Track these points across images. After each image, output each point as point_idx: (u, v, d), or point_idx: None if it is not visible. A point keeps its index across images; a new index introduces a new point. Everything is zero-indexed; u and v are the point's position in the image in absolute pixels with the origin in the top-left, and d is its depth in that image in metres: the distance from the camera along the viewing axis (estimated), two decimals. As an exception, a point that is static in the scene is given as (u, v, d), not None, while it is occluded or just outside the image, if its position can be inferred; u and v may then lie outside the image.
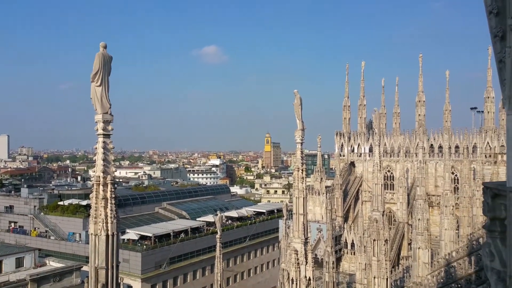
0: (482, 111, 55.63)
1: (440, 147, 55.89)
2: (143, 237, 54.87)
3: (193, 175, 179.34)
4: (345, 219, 57.28)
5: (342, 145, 63.01)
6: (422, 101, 59.57)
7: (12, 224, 67.63)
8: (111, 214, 11.57)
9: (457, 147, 54.94)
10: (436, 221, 50.50)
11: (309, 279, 19.00)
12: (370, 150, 59.08)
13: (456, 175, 53.37)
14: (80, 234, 58.95)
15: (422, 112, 59.50)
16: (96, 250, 11.33)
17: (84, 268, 44.94)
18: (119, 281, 11.58)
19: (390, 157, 58.67)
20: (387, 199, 52.69)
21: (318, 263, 41.92)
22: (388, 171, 57.80)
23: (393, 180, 57.48)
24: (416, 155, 52.03)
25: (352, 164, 62.65)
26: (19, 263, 47.36)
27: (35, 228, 64.24)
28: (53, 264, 49.48)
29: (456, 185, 52.25)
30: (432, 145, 56.88)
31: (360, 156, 61.52)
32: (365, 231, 35.77)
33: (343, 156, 62.78)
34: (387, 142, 59.54)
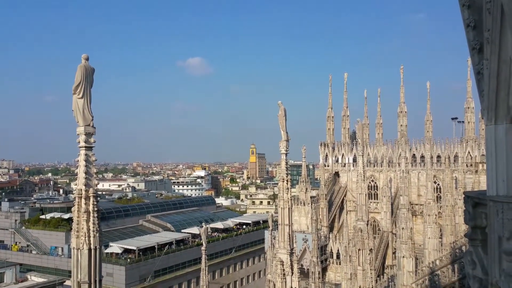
0: (463, 121, 56.75)
1: (422, 156, 56.72)
2: (127, 250, 53.99)
3: (178, 186, 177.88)
4: (331, 229, 57.46)
5: (326, 155, 63.48)
6: (403, 112, 60.50)
7: (-8, 240, 66.02)
8: (93, 227, 11.41)
9: (438, 156, 55.83)
10: (419, 229, 50.98)
11: (294, 290, 18.95)
12: (354, 160, 59.60)
13: (438, 184, 54.13)
14: (62, 248, 57.79)
15: (404, 123, 60.41)
16: (79, 264, 11.13)
17: (67, 282, 43.96)
18: (102, 295, 11.37)
19: (374, 167, 59.29)
20: (371, 209, 53.09)
21: (304, 274, 41.81)
22: (372, 180, 58.35)
23: (377, 189, 57.99)
24: (399, 165, 52.61)
25: (337, 174, 63.07)
26: (-1, 279, 46.07)
27: (16, 242, 62.82)
28: (34, 279, 48.19)
29: (438, 194, 52.95)
30: (414, 154, 57.70)
31: (344, 166, 62.04)
32: (350, 241, 35.93)
33: (328, 166, 63.20)
34: (370, 152, 60.21)
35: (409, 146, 58.17)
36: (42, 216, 65.97)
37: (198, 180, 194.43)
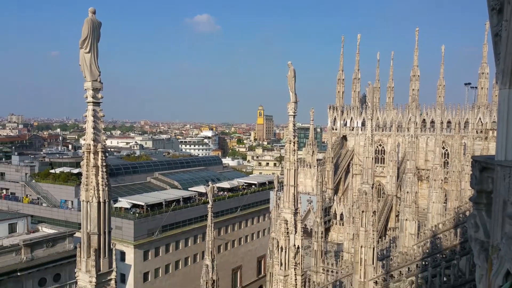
0: (476, 87, 55.76)
1: (432, 122, 56.25)
2: (135, 206, 55.25)
3: (185, 146, 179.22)
4: (335, 191, 58.11)
5: (334, 118, 63.14)
6: (416, 76, 59.48)
7: (4, 191, 67.60)
8: (102, 181, 11.62)
9: (449, 122, 55.35)
10: (424, 194, 51.44)
11: (298, 248, 19.45)
12: (363, 124, 59.30)
13: (446, 150, 54.00)
14: (72, 202, 59.12)
15: (416, 87, 59.52)
16: (88, 216, 11.43)
17: (77, 234, 45.35)
18: (112, 246, 11.73)
19: (382, 131, 59.05)
20: (377, 173, 53.37)
21: (307, 233, 42.75)
22: (380, 145, 58.31)
23: (384, 154, 58.05)
24: (408, 130, 52.35)
25: (344, 138, 63.00)
26: (12, 229, 47.61)
27: (27, 195, 64.28)
28: (45, 230, 49.75)
29: (446, 160, 52.94)
30: (424, 120, 57.25)
31: (352, 130, 61.83)
32: (354, 203, 36.44)
33: (336, 129, 63.01)
34: (379, 116, 59.77)
35: (420, 111, 57.60)
36: (52, 171, 67.11)
37: (205, 140, 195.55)
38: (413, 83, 59.66)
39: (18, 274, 39.45)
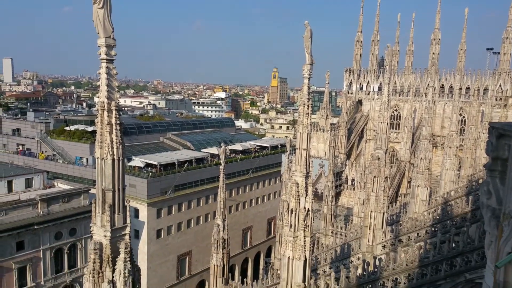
0: (498, 52, 53.95)
1: (451, 88, 55.01)
2: (148, 165, 56.14)
3: (198, 107, 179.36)
4: (348, 156, 58.02)
5: (351, 82, 62.08)
6: (437, 39, 57.65)
7: (20, 147, 68.96)
8: (116, 139, 11.71)
9: (468, 88, 54.05)
10: (438, 161, 51.09)
11: (308, 210, 19.62)
12: (379, 88, 58.28)
13: (463, 116, 53.05)
14: (87, 159, 60.19)
15: (436, 51, 57.83)
16: (103, 173, 11.62)
17: (92, 190, 46.51)
18: (126, 203, 11.99)
19: (399, 96, 58.03)
20: (391, 138, 52.93)
21: (317, 197, 43.20)
22: (396, 110, 57.48)
23: (399, 119, 57.31)
24: (425, 95, 51.36)
25: (360, 102, 62.16)
26: (28, 184, 48.95)
27: (42, 151, 65.51)
28: (61, 185, 51.03)
29: (462, 127, 52.12)
30: (443, 85, 55.98)
31: (368, 94, 60.86)
32: (367, 168, 36.40)
33: (351, 93, 62.09)
34: (397, 80, 58.56)
35: (439, 76, 56.24)
36: (67, 128, 67.98)
37: (218, 102, 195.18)
38: (433, 46, 57.91)
39: (35, 227, 40.93)
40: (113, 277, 11.31)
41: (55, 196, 44.62)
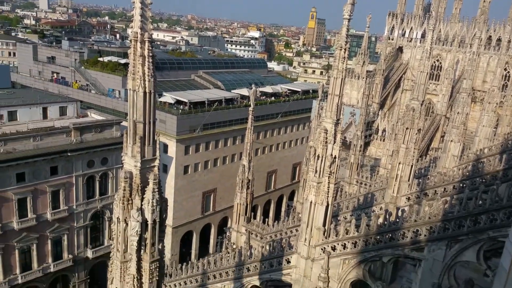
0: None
1: (499, 40, 51.50)
2: (179, 102, 56.53)
3: (231, 46, 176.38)
4: (381, 106, 56.49)
5: (393, 27, 58.99)
6: (490, -14, 53.28)
7: (55, 75, 70.27)
8: (148, 72, 11.54)
9: (517, 42, 50.54)
10: (475, 117, 49.13)
11: (334, 157, 19.40)
12: (422, 36, 55.23)
13: (508, 72, 50.11)
14: (119, 91, 61.01)
15: (488, -1, 53.68)
16: (135, 105, 11.59)
17: (124, 123, 47.55)
18: (156, 137, 12.05)
19: (443, 45, 54.92)
20: (429, 90, 50.87)
21: (345, 146, 42.74)
22: (437, 60, 54.70)
23: (440, 70, 54.69)
24: (470, 46, 48.42)
25: (400, 49, 59.33)
26: (62, 112, 50.35)
27: (76, 80, 66.64)
28: (94, 116, 52.26)
29: (505, 83, 49.40)
30: (490, 37, 52.43)
31: (410, 41, 57.84)
32: (399, 120, 35.38)
33: (392, 39, 59.21)
34: (442, 28, 55.17)
35: (487, 26, 52.52)
36: (100, 59, 68.48)
37: (252, 41, 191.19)
38: (485, -7, 53.73)
39: (68, 154, 42.53)
40: (141, 205, 11.64)
41: (88, 125, 45.84)
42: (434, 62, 54.04)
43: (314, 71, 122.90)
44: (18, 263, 41.62)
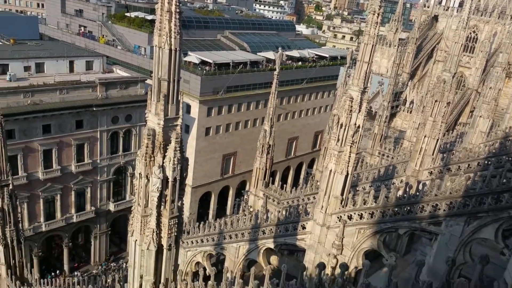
0: None
1: (542, 13, 48.66)
2: (203, 62, 56.13)
3: (259, 6, 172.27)
4: (411, 76, 54.77)
5: (429, -6, 56.35)
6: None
7: (82, 28, 70.35)
8: (174, 29, 11.36)
9: (562, 15, 47.65)
10: (508, 93, 47.33)
11: (358, 127, 19.04)
12: (460, 5, 52.62)
13: (548, 48, 47.54)
14: (145, 49, 60.87)
15: (534, -33, 50.33)
16: (160, 62, 11.50)
17: (148, 81, 47.74)
18: (179, 96, 12.01)
19: (481, 16, 52.20)
20: (462, 62, 48.86)
21: (370, 116, 42.02)
22: (474, 31, 52.20)
23: (475, 42, 52.29)
24: (510, 18, 45.93)
25: (435, 18, 56.79)
26: (89, 66, 50.73)
27: (103, 35, 66.63)
28: (119, 72, 52.50)
29: (545, 59, 47.00)
30: (533, 9, 49.56)
31: (447, 10, 55.21)
32: (429, 91, 34.38)
33: (428, 7, 56.67)
34: (482, -2, 52.39)
35: (531, -3, 49.61)
36: (127, 14, 67.99)
37: (281, 1, 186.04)
38: (532, -38, 50.32)
39: (94, 109, 43.23)
40: (163, 162, 11.79)
41: (113, 81, 46.23)
42: (470, 33, 51.56)
43: (344, 37, 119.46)
44: (43, 212, 43.43)
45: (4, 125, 20.38)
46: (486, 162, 31.03)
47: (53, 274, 42.91)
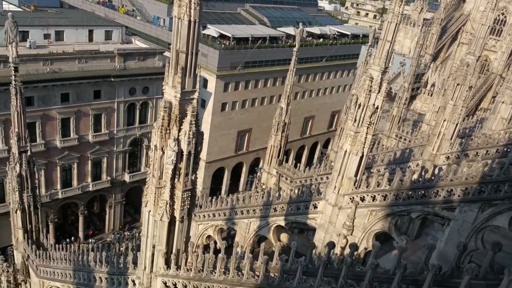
0: None
1: None
2: (222, 36, 55.55)
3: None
4: (434, 58, 53.33)
5: (457, -27, 54.23)
6: None
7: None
8: None
9: None
10: (533, 80, 45.74)
11: (377, 108, 18.69)
12: (489, -15, 50.52)
13: None
14: (164, 20, 60.40)
15: None
16: (179, 33, 11.33)
17: (166, 53, 47.58)
18: (197, 69, 11.89)
19: (512, -4, 50.19)
20: (488, 46, 47.30)
21: (390, 97, 41.27)
22: (502, 13, 50.22)
23: (503, 25, 50.38)
24: (542, 1, 44.04)
25: (463, -1, 54.87)
26: (108, 36, 50.70)
27: (122, 5, 66.20)
28: (138, 43, 52.40)
29: None
30: None
31: (475, -10, 53.15)
32: (451, 74, 33.47)
33: (456, -13, 54.59)
34: (512, -22, 50.21)
35: None
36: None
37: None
38: None
39: (112, 79, 43.40)
40: (178, 135, 11.80)
41: (132, 52, 46.20)
42: (498, 15, 49.63)
43: (367, 14, 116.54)
44: (59, 179, 44.40)
45: (24, 92, 20.59)
46: (505, 149, 30.37)
47: (67, 240, 44.19)
